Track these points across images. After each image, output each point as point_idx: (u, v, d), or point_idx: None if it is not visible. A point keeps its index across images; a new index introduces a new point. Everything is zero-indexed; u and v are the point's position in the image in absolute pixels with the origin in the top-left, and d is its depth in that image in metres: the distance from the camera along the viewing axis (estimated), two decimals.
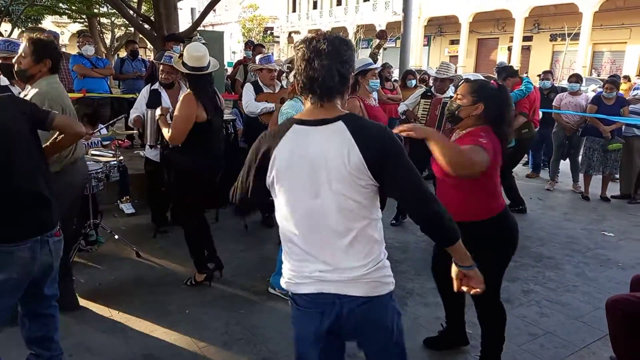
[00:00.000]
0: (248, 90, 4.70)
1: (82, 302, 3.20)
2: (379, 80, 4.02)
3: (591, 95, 10.71)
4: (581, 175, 6.53)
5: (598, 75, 21.71)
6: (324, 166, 1.50)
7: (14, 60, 2.70)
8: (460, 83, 2.68)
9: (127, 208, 5.04)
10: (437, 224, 1.53)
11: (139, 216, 4.93)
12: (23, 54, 2.64)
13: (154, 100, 4.21)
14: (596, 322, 3.16)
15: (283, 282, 1.67)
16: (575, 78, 6.84)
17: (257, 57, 4.92)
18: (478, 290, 1.70)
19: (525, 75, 6.53)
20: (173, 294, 3.43)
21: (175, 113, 3.25)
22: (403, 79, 7.43)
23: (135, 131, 6.24)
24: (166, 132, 3.32)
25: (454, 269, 1.72)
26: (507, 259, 2.50)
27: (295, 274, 1.61)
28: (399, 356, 1.70)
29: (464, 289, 1.73)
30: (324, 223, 1.54)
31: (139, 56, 7.81)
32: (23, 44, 2.66)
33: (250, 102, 4.59)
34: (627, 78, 14.97)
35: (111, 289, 3.42)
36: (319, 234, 1.55)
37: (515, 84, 5.42)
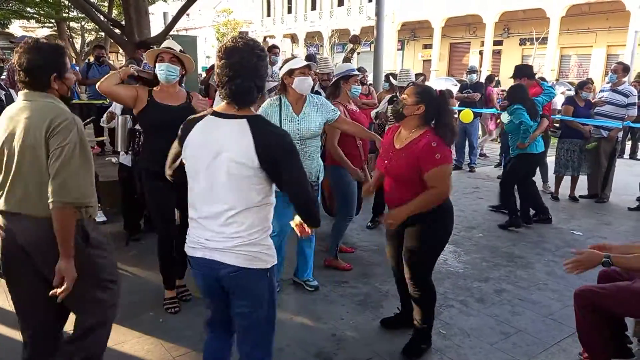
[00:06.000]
0: None
1: None
2: (360, 87, 3.96)
3: (560, 97, 10.99)
4: (552, 176, 6.69)
5: (566, 78, 22.37)
6: (222, 151, 1.78)
7: None
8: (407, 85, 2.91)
9: (98, 216, 4.91)
10: (310, 209, 1.90)
11: (110, 224, 4.84)
12: None
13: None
14: (566, 319, 3.24)
15: (185, 246, 1.96)
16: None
17: None
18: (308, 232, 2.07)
19: (543, 80, 6.59)
20: (146, 303, 3.37)
21: None
22: (385, 81, 7.51)
23: (105, 137, 6.12)
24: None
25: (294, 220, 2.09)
26: (442, 246, 2.84)
27: (190, 239, 1.93)
28: (264, 325, 1.96)
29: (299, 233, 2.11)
30: (214, 198, 1.82)
31: (105, 62, 7.53)
32: None
33: None
34: (591, 81, 15.44)
35: None
36: (208, 207, 1.84)
37: (531, 86, 5.39)
